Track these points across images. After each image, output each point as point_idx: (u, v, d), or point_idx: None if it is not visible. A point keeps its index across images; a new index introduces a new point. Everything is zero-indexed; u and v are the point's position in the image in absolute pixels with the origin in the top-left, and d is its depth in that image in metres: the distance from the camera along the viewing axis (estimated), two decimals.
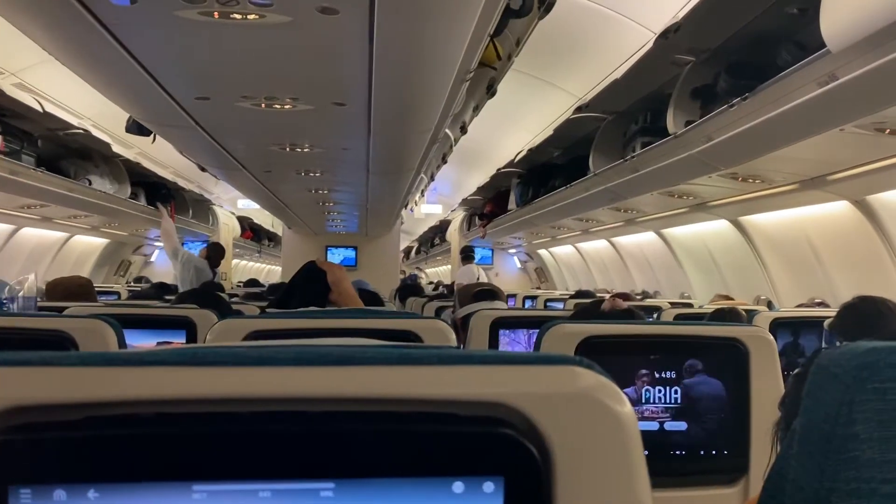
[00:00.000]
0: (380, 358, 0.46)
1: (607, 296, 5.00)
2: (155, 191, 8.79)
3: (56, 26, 2.49)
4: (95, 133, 6.60)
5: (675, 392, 1.47)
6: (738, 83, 3.60)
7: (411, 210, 11.61)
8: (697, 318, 3.34)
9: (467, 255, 9.83)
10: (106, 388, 0.45)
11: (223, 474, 0.43)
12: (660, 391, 1.47)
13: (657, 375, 1.47)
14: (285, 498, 0.44)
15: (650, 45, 4.12)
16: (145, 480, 0.43)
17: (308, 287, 2.19)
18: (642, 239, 8.05)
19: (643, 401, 1.46)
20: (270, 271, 19.23)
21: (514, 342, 2.27)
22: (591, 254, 10.26)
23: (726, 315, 2.97)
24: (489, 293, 2.67)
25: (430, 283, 13.07)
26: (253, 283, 10.13)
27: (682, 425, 1.48)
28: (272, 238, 15.80)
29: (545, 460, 0.46)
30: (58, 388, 0.45)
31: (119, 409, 0.45)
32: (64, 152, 6.78)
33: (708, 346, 1.48)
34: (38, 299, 2.96)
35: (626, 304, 1.97)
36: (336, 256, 10.55)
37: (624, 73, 4.59)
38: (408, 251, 20.31)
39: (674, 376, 1.47)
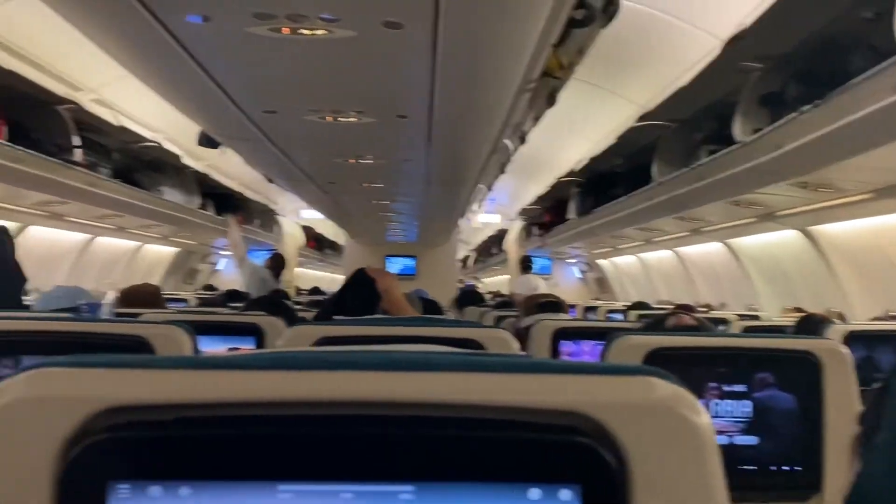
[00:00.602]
0: (459, 364, 0.47)
1: (669, 307, 4.92)
2: (223, 201, 9.05)
3: (134, 43, 2.60)
4: (167, 146, 6.84)
5: (746, 406, 1.44)
6: (808, 90, 3.51)
7: (468, 220, 11.63)
8: (766, 330, 3.25)
9: (526, 264, 9.78)
10: (196, 390, 0.47)
11: (307, 475, 0.45)
12: (729, 405, 1.44)
13: (726, 389, 1.44)
14: (366, 499, 0.45)
15: (716, 51, 4.04)
16: (234, 479, 0.45)
17: (358, 295, 2.18)
18: (708, 249, 7.88)
19: (712, 414, 1.43)
20: (333, 280, 19.52)
21: (577, 353, 2.25)
22: (654, 264, 10.09)
23: (814, 324, 2.86)
24: (554, 305, 2.66)
25: (489, 292, 13.06)
26: (315, 291, 10.31)
27: (752, 440, 1.45)
28: (334, 247, 16.07)
29: (622, 470, 0.46)
30: (152, 390, 0.47)
31: (208, 411, 0.47)
32: (137, 164, 7.06)
33: (779, 360, 1.45)
34: (114, 307, 3.09)
35: (692, 321, 1.90)
36: (395, 265, 10.65)
37: (689, 80, 4.52)
38: (465, 260, 20.35)
39: (744, 390, 1.44)
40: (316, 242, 14.89)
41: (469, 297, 6.32)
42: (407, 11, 2.11)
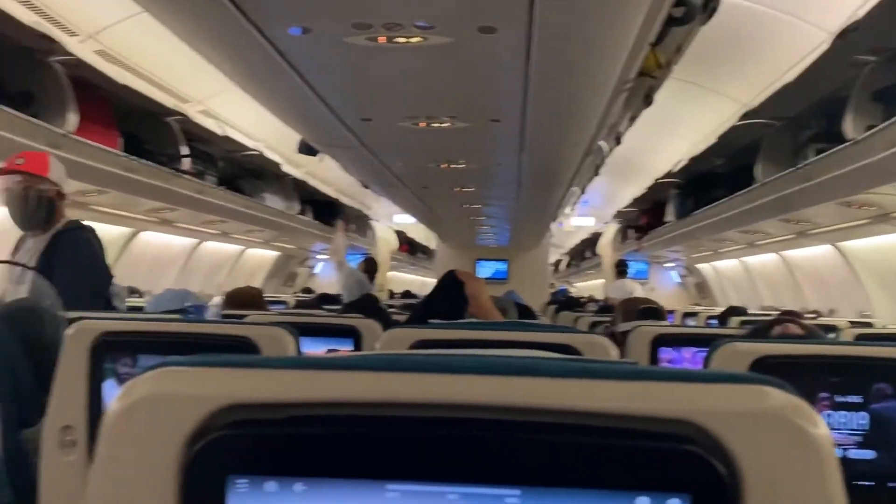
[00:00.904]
0: (562, 370, 0.47)
1: (774, 313, 4.71)
2: (321, 207, 9.31)
3: (239, 55, 2.72)
4: (268, 154, 7.11)
5: (862, 418, 1.36)
6: None
7: (561, 223, 11.51)
8: (883, 338, 3.06)
9: (621, 268, 9.58)
10: (309, 389, 0.49)
11: (415, 475, 0.46)
12: (843, 416, 1.36)
13: (839, 399, 1.37)
14: (472, 501, 0.46)
15: (826, 45, 3.85)
16: (344, 477, 0.47)
17: (447, 297, 2.19)
18: (816, 252, 7.50)
19: None
20: (424, 283, 19.75)
21: (677, 360, 2.18)
22: (758, 268, 9.68)
23: None
24: (654, 312, 2.58)
25: (580, 297, 12.86)
26: (407, 294, 10.46)
27: (869, 454, 1.37)
28: (426, 251, 16.26)
29: (734, 481, 0.45)
30: (268, 389, 0.49)
31: (320, 410, 0.48)
32: (241, 172, 7.37)
33: None
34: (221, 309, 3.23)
35: (798, 329, 1.80)
36: (487, 269, 10.67)
37: (796, 76, 4.32)
38: (557, 264, 20.14)
39: (859, 401, 1.36)
40: (408, 246, 15.11)
41: (567, 301, 6.26)
42: (501, 16, 2.11)
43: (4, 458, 1.47)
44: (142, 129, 5.48)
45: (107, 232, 6.70)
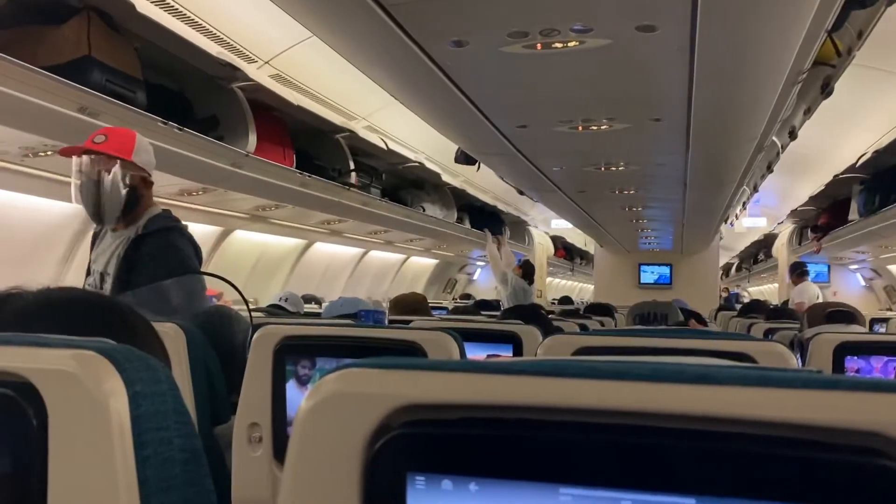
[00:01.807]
0: (739, 378, 0.46)
1: None
2: (478, 215, 9.45)
3: (400, 72, 2.83)
4: (428, 165, 7.32)
5: None
6: None
7: (731, 224, 10.91)
8: None
9: (801, 270, 8.91)
10: (483, 392, 0.50)
11: (587, 480, 0.46)
12: None
13: None
14: None
15: None
16: (517, 479, 0.48)
17: None
18: None
19: None
20: (582, 289, 19.45)
21: (866, 371, 2.01)
22: None
23: None
24: (846, 315, 2.36)
25: (765, 302, 12.01)
26: (566, 300, 10.34)
27: None
28: (584, 256, 16.01)
29: None
30: (443, 390, 0.52)
31: (493, 412, 0.50)
32: (402, 183, 7.64)
33: None
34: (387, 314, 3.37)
35: None
36: (650, 275, 10.35)
37: None
38: (727, 268, 19.10)
39: None
40: (566, 252, 14.95)
41: (747, 306, 5.90)
42: (662, 13, 2.05)
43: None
44: (313, 145, 5.83)
45: (284, 243, 7.22)
